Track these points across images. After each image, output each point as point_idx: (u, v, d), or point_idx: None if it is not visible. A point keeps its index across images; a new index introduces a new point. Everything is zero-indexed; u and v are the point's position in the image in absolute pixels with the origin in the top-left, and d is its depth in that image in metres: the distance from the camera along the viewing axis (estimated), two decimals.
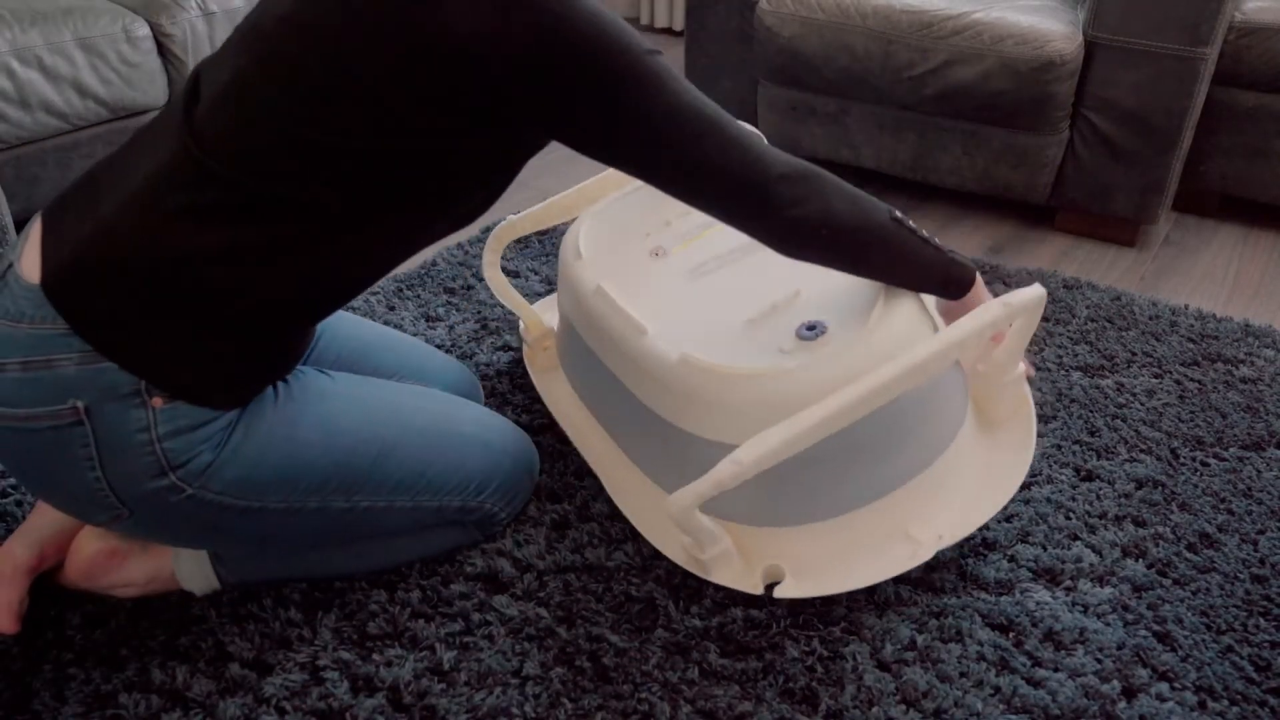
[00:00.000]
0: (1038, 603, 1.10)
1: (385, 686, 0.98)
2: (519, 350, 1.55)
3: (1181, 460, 1.34)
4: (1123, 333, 1.64)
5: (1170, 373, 1.54)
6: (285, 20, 0.85)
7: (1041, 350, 1.59)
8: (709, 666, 1.01)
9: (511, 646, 1.03)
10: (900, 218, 1.00)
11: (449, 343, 1.58)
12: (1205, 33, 1.74)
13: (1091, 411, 1.44)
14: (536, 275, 1.80)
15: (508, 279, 1.78)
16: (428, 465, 1.04)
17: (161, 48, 1.95)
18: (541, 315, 1.54)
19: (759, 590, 1.05)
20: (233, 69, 0.87)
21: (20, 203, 1.84)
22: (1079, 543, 1.19)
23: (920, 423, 1.11)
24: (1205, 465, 1.33)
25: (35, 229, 0.91)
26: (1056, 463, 1.33)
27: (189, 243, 0.85)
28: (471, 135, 0.88)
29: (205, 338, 0.88)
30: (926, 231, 1.03)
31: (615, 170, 1.40)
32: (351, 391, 1.03)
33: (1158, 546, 1.18)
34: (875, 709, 0.97)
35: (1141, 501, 1.26)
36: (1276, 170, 2.00)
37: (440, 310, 1.67)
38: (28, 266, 0.88)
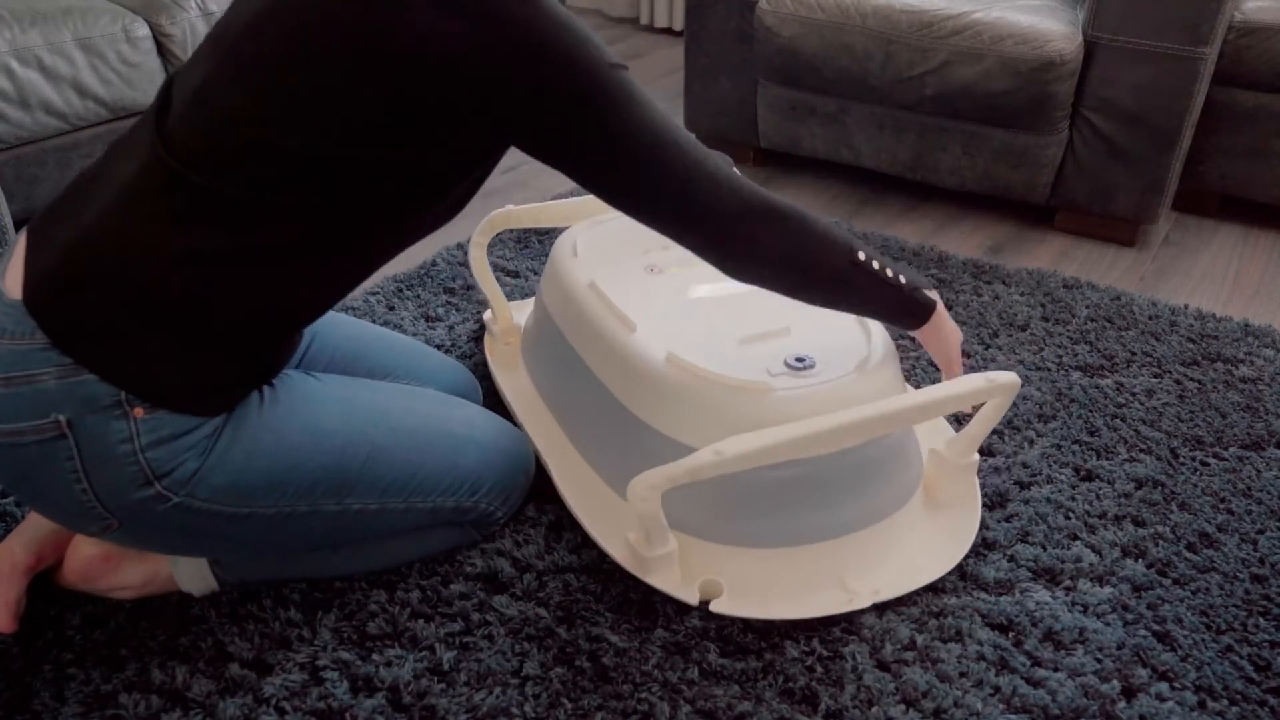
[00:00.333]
0: (1037, 602, 1.10)
1: (385, 687, 0.98)
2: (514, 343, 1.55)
3: (1181, 460, 1.34)
4: (1122, 332, 1.64)
5: (1170, 372, 1.54)
6: (250, 26, 0.85)
7: (1041, 350, 1.59)
8: (709, 666, 1.01)
9: (511, 646, 1.03)
10: (861, 260, 0.99)
11: (449, 343, 1.58)
12: (1205, 33, 1.74)
13: (1091, 411, 1.44)
14: (535, 275, 1.80)
15: (506, 278, 1.79)
16: (418, 466, 1.04)
17: (161, 48, 1.95)
18: (512, 312, 1.55)
19: (694, 601, 1.06)
20: (200, 76, 0.86)
21: (20, 203, 1.84)
22: (1079, 542, 1.19)
23: (875, 480, 1.13)
24: (1205, 465, 1.33)
25: (20, 244, 0.91)
26: (1056, 462, 1.33)
27: (162, 251, 0.85)
28: (433, 141, 0.87)
29: (183, 346, 0.88)
30: (890, 268, 1.03)
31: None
32: (339, 394, 1.03)
33: (1157, 546, 1.18)
34: (875, 709, 0.97)
35: (1141, 501, 1.26)
36: (1276, 170, 2.00)
37: (440, 310, 1.67)
38: (11, 282, 0.88)
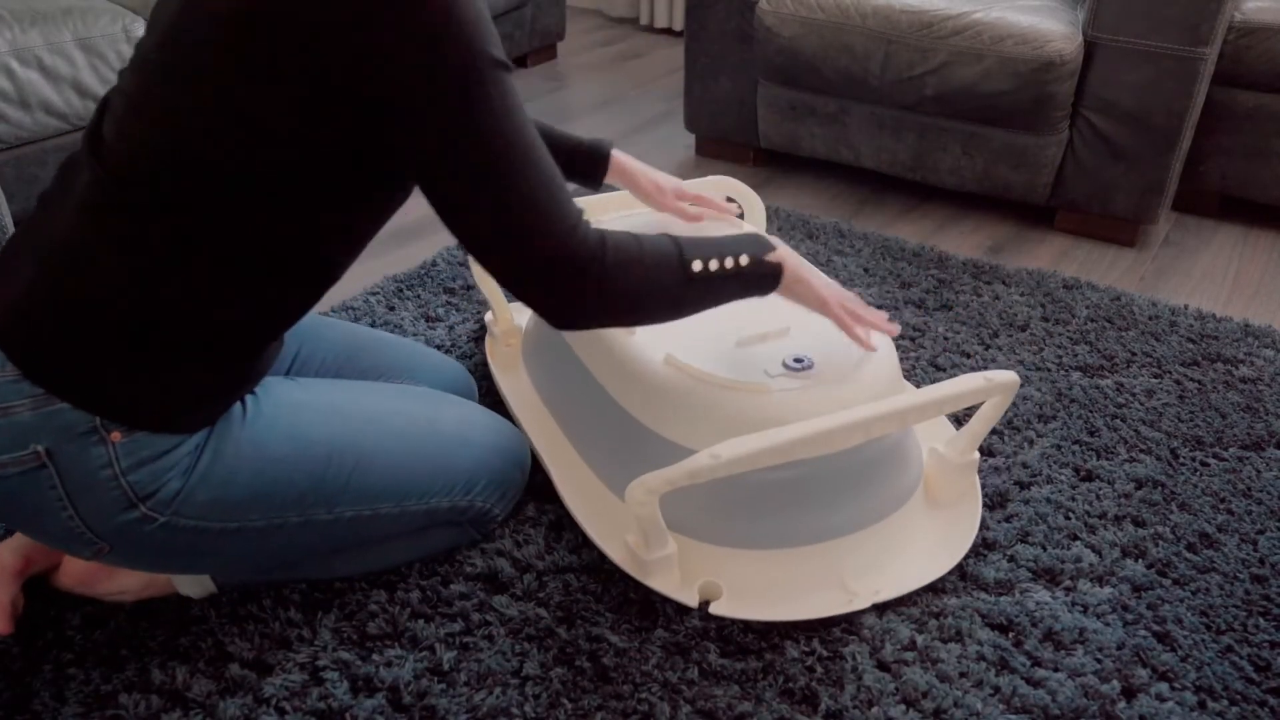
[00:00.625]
0: (1037, 603, 1.10)
1: (385, 687, 0.98)
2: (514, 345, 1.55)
3: (1181, 460, 1.34)
4: (1122, 333, 1.64)
5: (1170, 373, 1.54)
6: (163, 36, 0.84)
7: (1041, 350, 1.59)
8: (709, 666, 1.01)
9: (511, 646, 1.03)
10: (696, 272, 0.94)
11: (449, 343, 1.58)
12: (1205, 33, 1.74)
13: (1091, 411, 1.44)
14: None
15: None
16: (409, 469, 1.02)
17: None
18: (513, 313, 1.55)
19: (693, 603, 1.06)
20: (125, 92, 0.86)
21: (20, 203, 1.84)
22: (1079, 543, 1.19)
23: (874, 480, 1.12)
24: (1205, 465, 1.33)
25: None
26: (1056, 463, 1.33)
27: (113, 273, 0.84)
28: (323, 123, 0.82)
29: (149, 367, 0.87)
30: (728, 255, 0.97)
31: (613, 195, 1.39)
32: (324, 400, 1.01)
33: (1157, 546, 1.18)
34: (875, 709, 0.97)
35: (1141, 501, 1.26)
36: (1276, 170, 2.00)
37: (440, 310, 1.67)
38: None
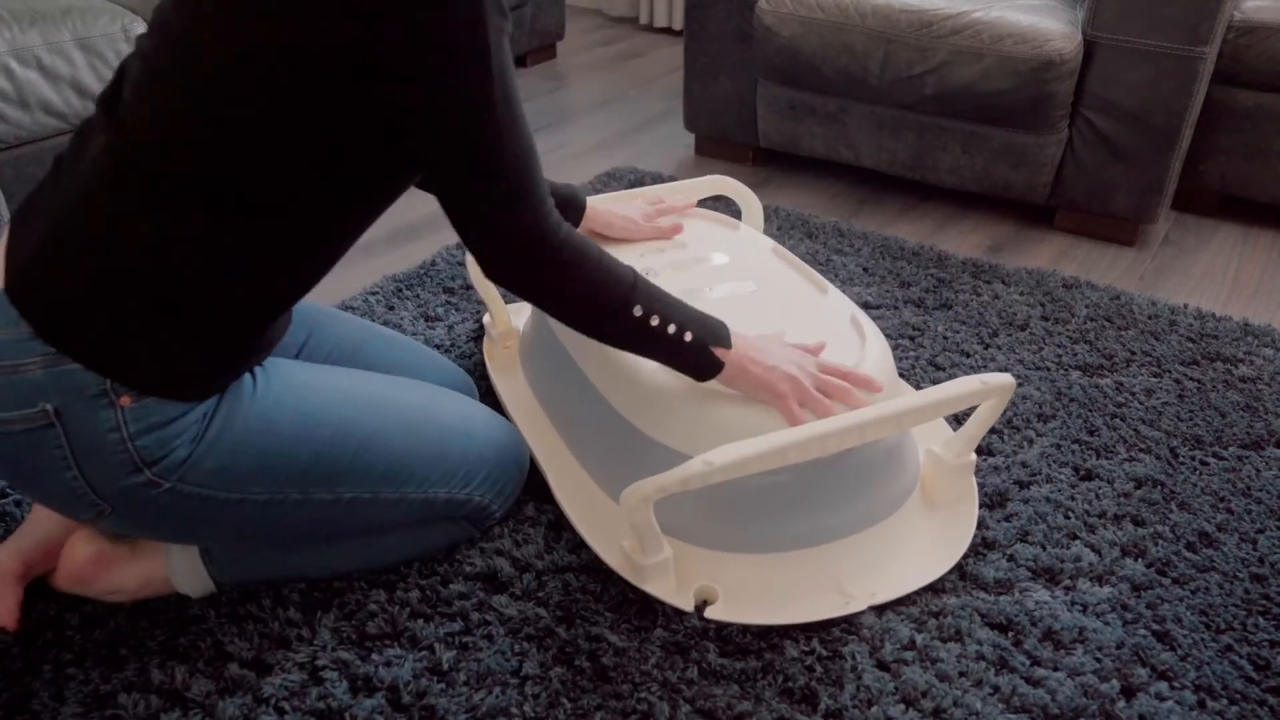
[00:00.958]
0: (1037, 602, 1.10)
1: (384, 686, 0.98)
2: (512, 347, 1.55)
3: (1181, 459, 1.34)
4: (1122, 332, 1.64)
5: (1169, 372, 1.54)
6: (181, 2, 0.84)
7: (1041, 350, 1.59)
8: (708, 666, 1.01)
9: (511, 646, 1.03)
10: (634, 318, 0.97)
11: (448, 342, 1.58)
12: (1204, 32, 1.74)
13: (1091, 411, 1.44)
14: None
15: None
16: (410, 456, 1.04)
17: None
18: (511, 316, 1.54)
19: (689, 607, 1.06)
20: (143, 59, 0.86)
21: (20, 202, 1.84)
22: (1078, 542, 1.19)
23: (870, 483, 1.12)
24: (1204, 464, 1.33)
25: (3, 236, 0.91)
26: (1056, 462, 1.33)
27: (130, 239, 0.85)
28: (341, 89, 0.83)
29: (160, 333, 0.88)
30: (680, 324, 1.00)
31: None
32: (332, 383, 1.03)
33: (1157, 546, 1.18)
34: (874, 708, 0.97)
35: (1141, 501, 1.26)
36: (1276, 170, 2.00)
37: (439, 310, 1.67)
38: None
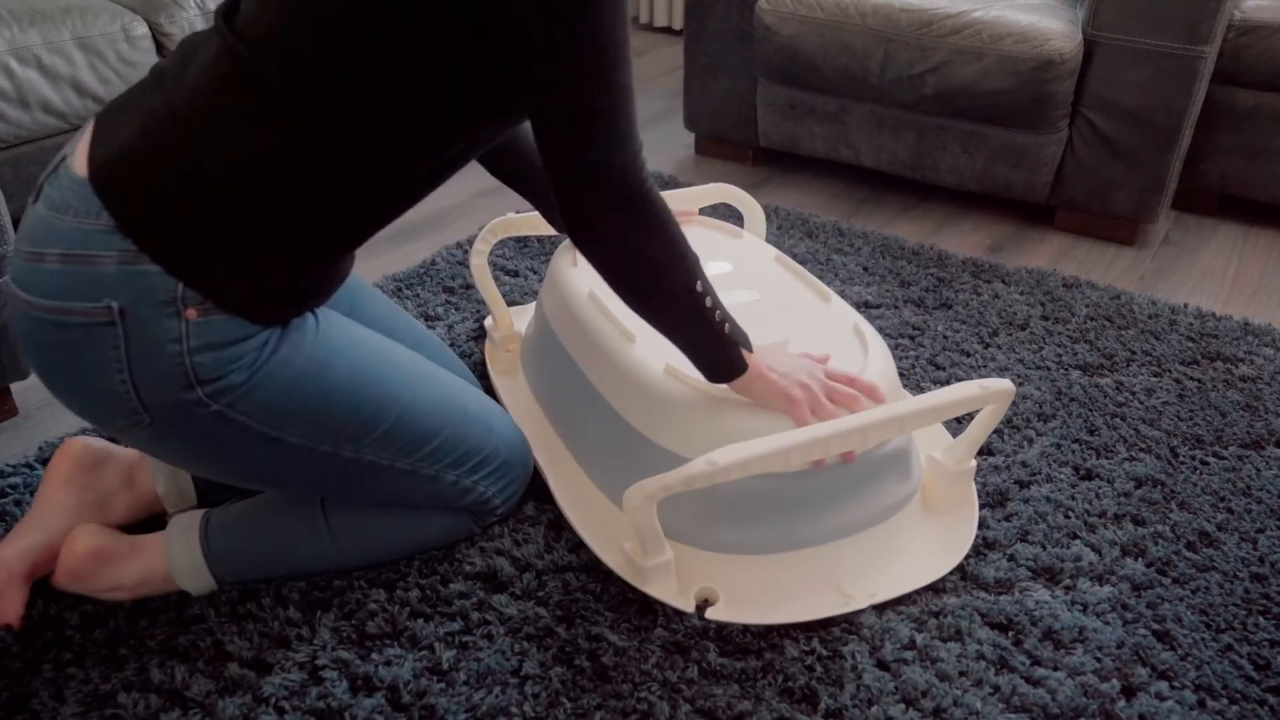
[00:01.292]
0: (1037, 601, 1.10)
1: (384, 686, 0.98)
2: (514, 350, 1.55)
3: (1181, 459, 1.34)
4: (1122, 331, 1.64)
5: (1169, 371, 1.54)
6: None
7: (1041, 349, 1.59)
8: (708, 666, 1.01)
9: (511, 646, 1.03)
10: (696, 293, 0.97)
11: (448, 341, 1.57)
12: (1205, 31, 1.74)
13: (1091, 410, 1.44)
14: (535, 275, 1.80)
15: (506, 277, 1.78)
16: (434, 433, 1.06)
17: (160, 47, 1.95)
18: (513, 318, 1.54)
19: (690, 608, 1.06)
20: None
21: (19, 202, 1.84)
22: (1078, 541, 1.19)
23: (871, 485, 1.12)
24: (1205, 464, 1.33)
25: (89, 127, 0.91)
26: (1056, 461, 1.33)
27: (236, 149, 0.86)
28: (465, 6, 0.84)
29: (244, 246, 0.89)
30: (721, 316, 1.00)
31: None
32: (381, 348, 1.05)
33: (1157, 545, 1.18)
34: (875, 708, 0.97)
35: (1141, 500, 1.26)
36: (1276, 169, 2.00)
37: (439, 310, 1.67)
38: (78, 161, 0.88)
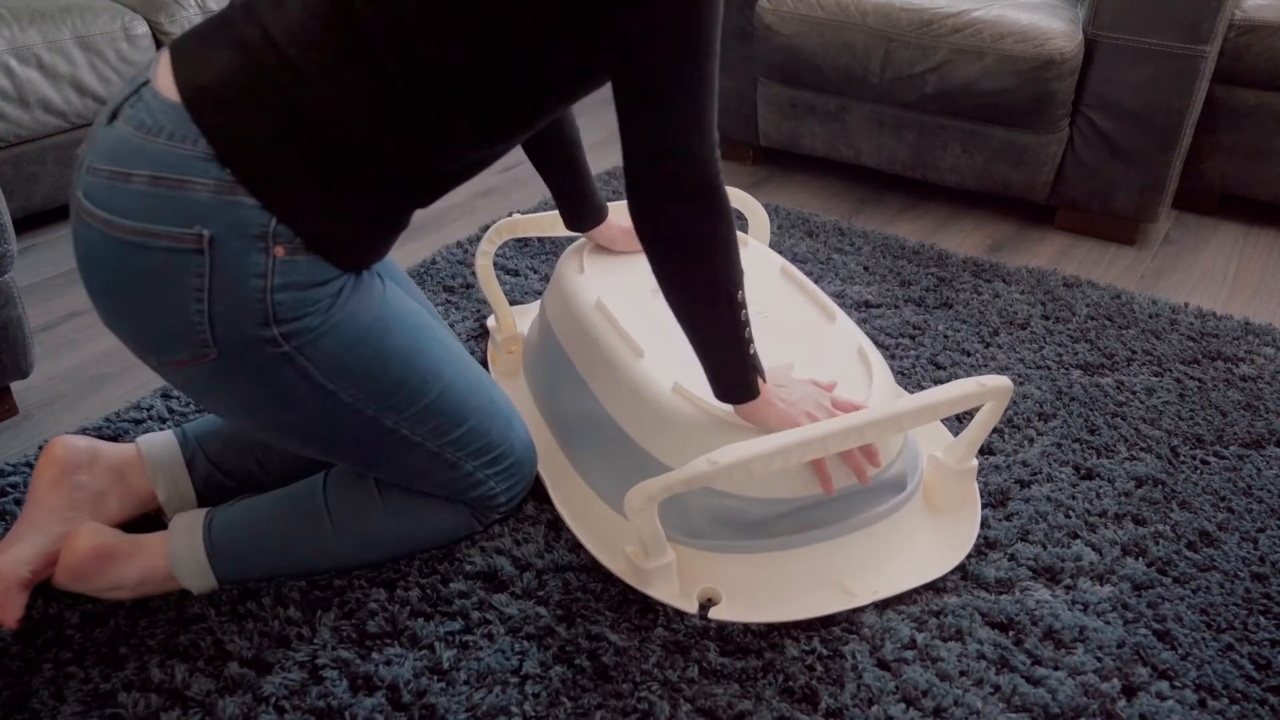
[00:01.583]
0: (1037, 601, 1.10)
1: (384, 685, 0.98)
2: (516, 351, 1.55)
3: (1181, 458, 1.34)
4: (1123, 331, 1.64)
5: (1170, 371, 1.53)
6: None
7: (1042, 349, 1.59)
8: (708, 665, 1.01)
9: (511, 645, 1.03)
10: (737, 301, 0.99)
11: None
12: (1205, 31, 1.74)
13: (1091, 410, 1.44)
14: (536, 274, 1.80)
15: (506, 276, 1.78)
16: (463, 420, 1.07)
17: (160, 46, 1.95)
18: (517, 319, 1.54)
19: (693, 609, 1.06)
20: None
21: (19, 201, 1.84)
22: (1079, 541, 1.19)
23: (873, 483, 1.12)
24: (1205, 463, 1.33)
25: (165, 56, 0.90)
26: (1056, 461, 1.33)
27: (334, 85, 0.85)
28: None
29: (335, 186, 0.89)
30: (750, 334, 1.03)
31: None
32: (430, 325, 1.07)
33: (1158, 545, 1.18)
34: (875, 707, 0.97)
35: (1141, 500, 1.26)
36: (1276, 169, 2.00)
37: (440, 309, 1.67)
38: (164, 86, 0.87)
